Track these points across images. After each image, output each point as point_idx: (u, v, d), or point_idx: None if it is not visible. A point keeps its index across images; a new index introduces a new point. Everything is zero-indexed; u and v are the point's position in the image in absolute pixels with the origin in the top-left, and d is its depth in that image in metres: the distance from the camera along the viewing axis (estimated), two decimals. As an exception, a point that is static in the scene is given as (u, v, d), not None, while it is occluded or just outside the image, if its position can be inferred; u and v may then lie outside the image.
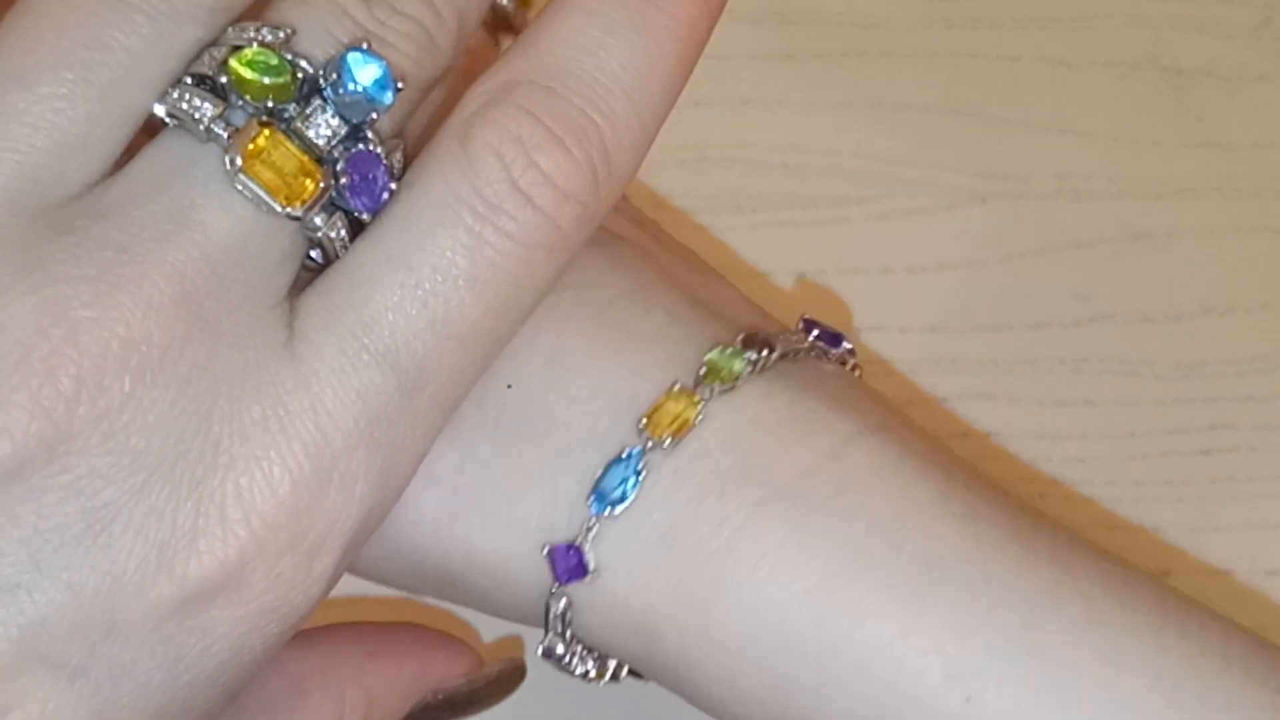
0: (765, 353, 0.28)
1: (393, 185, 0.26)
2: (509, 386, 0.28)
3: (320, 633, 0.32)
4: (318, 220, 0.25)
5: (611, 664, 0.30)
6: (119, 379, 0.23)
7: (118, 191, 0.25)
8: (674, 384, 0.28)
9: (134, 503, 0.24)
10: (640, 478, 0.27)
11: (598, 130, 0.26)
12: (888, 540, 0.27)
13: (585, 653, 0.29)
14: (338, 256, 0.26)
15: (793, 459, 0.28)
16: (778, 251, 0.45)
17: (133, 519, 0.24)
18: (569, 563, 0.28)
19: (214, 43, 0.25)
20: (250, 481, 0.24)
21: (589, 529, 0.28)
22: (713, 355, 0.28)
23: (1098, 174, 0.46)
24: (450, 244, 0.25)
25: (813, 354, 0.30)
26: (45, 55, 0.24)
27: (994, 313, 0.45)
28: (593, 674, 0.30)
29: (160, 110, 0.25)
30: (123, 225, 0.24)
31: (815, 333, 0.30)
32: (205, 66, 0.25)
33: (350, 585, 0.41)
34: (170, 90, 0.25)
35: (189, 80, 0.25)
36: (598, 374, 0.28)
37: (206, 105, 0.25)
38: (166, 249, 0.24)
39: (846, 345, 0.30)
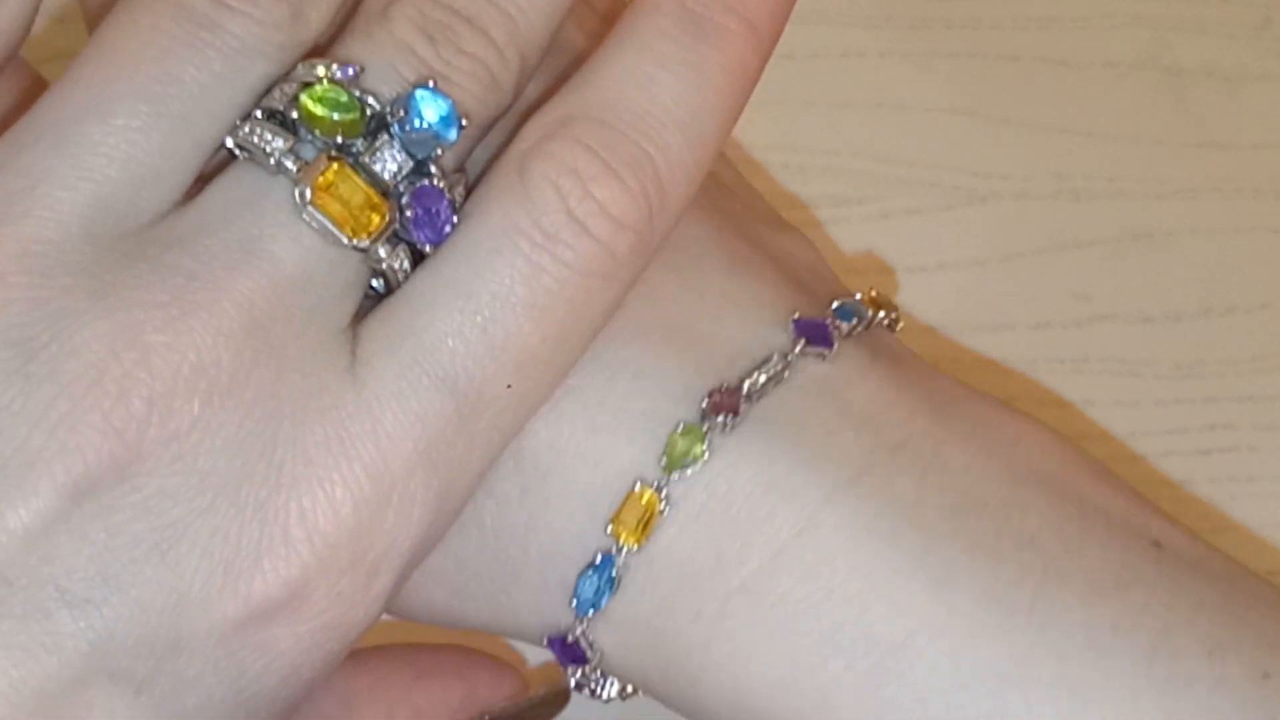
0: (729, 417, 0.28)
1: (454, 218, 0.26)
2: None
3: (370, 653, 0.33)
4: (381, 252, 0.26)
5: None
6: (189, 402, 0.24)
7: (189, 221, 0.25)
8: (635, 483, 0.28)
9: (200, 522, 0.24)
10: (615, 582, 0.28)
11: (652, 162, 0.27)
12: (855, 624, 0.27)
13: (612, 682, 0.30)
14: (399, 285, 0.26)
15: (760, 543, 0.27)
16: (778, 251, 0.45)
17: (199, 538, 0.24)
18: (568, 653, 0.29)
19: (284, 78, 0.26)
20: (313, 502, 0.25)
21: (579, 623, 0.28)
22: (675, 438, 0.28)
23: (1098, 174, 0.47)
24: (509, 272, 0.26)
25: (808, 358, 0.29)
26: (121, 88, 0.25)
27: (994, 313, 0.45)
28: (629, 691, 0.30)
29: (230, 143, 0.26)
30: (194, 253, 0.25)
31: (803, 341, 0.29)
32: (276, 102, 0.26)
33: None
34: (241, 124, 0.26)
35: (259, 114, 0.26)
36: (563, 474, 0.28)
37: (277, 140, 0.25)
38: (236, 277, 0.25)
39: (845, 325, 0.29)
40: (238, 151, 0.26)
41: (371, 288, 0.27)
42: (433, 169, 0.26)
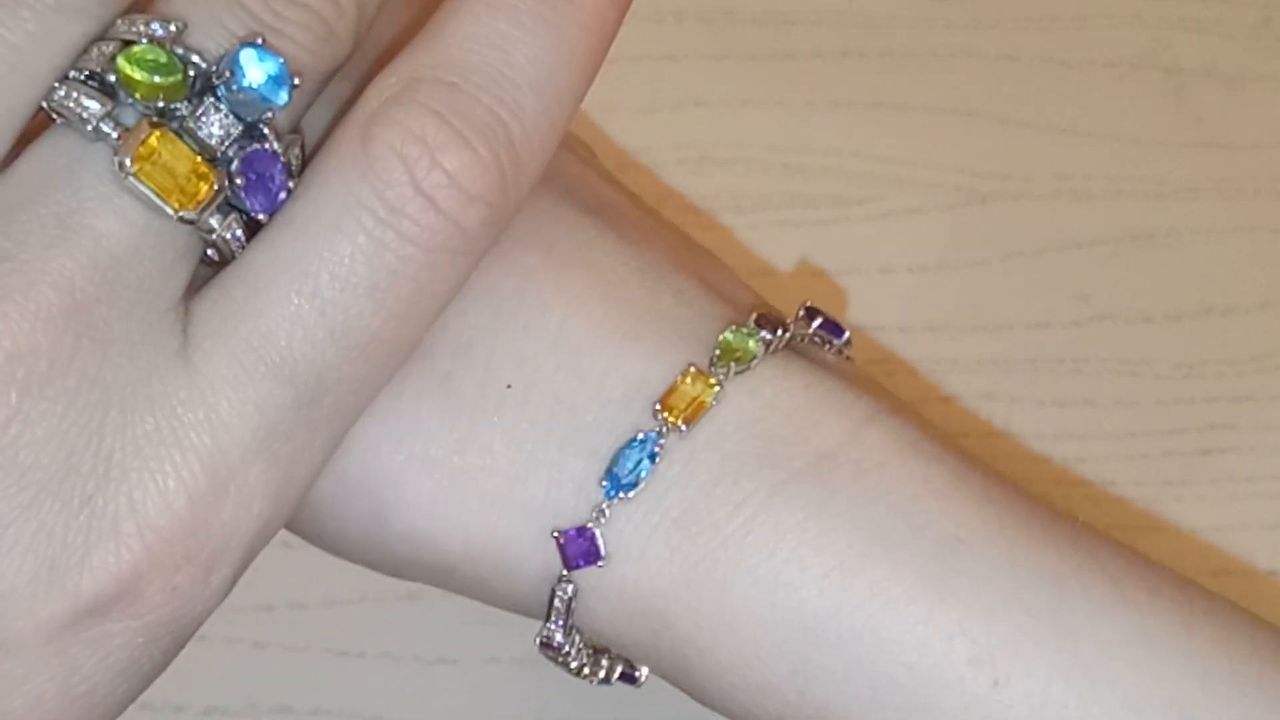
0: (780, 333, 0.28)
1: (290, 184, 0.25)
2: (509, 386, 0.27)
3: None
4: (213, 222, 0.24)
5: (604, 665, 0.29)
6: (5, 394, 0.23)
7: (3, 194, 0.24)
8: (689, 366, 0.27)
9: (23, 519, 0.23)
10: (655, 461, 0.27)
11: (505, 129, 0.25)
12: (909, 523, 0.26)
13: (583, 647, 0.29)
14: (234, 257, 0.25)
15: (810, 443, 0.27)
16: (777, 251, 0.45)
17: (21, 536, 0.23)
18: (580, 547, 0.27)
19: (101, 37, 0.24)
20: (144, 495, 0.23)
21: (600, 513, 0.27)
22: (727, 336, 0.28)
23: (1098, 174, 0.47)
24: (349, 250, 0.24)
25: (814, 341, 0.29)
26: None
27: (994, 313, 0.45)
28: (587, 670, 0.29)
29: (46, 107, 0.24)
30: (7, 231, 0.23)
31: (819, 320, 0.30)
32: (93, 62, 0.24)
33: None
34: (57, 87, 0.24)
35: (77, 76, 0.24)
36: (608, 357, 0.27)
37: (94, 104, 0.24)
38: (54, 255, 0.23)
39: (847, 336, 0.30)
40: (54, 116, 0.24)
41: (207, 256, 0.25)
42: (265, 131, 0.24)
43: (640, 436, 0.27)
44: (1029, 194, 0.46)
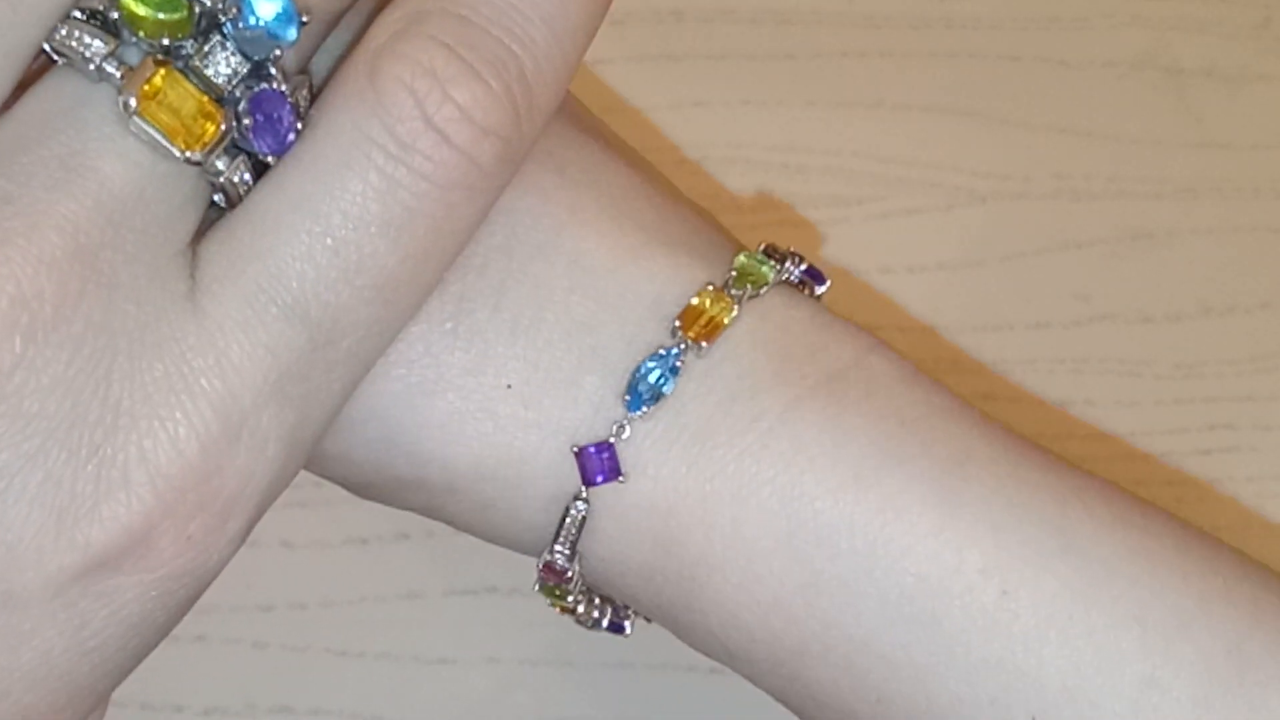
0: (789, 264, 0.28)
1: (299, 125, 0.24)
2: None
3: None
4: (220, 164, 0.24)
5: (597, 607, 0.30)
6: (9, 339, 0.22)
7: (4, 136, 0.23)
8: (706, 285, 0.27)
9: (29, 469, 0.22)
10: (677, 376, 0.27)
11: (516, 60, 0.24)
12: (919, 440, 0.27)
13: (580, 578, 0.28)
14: (241, 199, 0.24)
15: (821, 363, 0.27)
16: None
17: (27, 486, 0.22)
18: (600, 463, 0.27)
19: None
20: (155, 443, 0.23)
21: (619, 429, 0.27)
22: (742, 259, 0.28)
23: (1098, 174, 0.47)
24: (361, 188, 0.23)
25: (795, 285, 0.29)
26: None
27: (994, 313, 0.45)
28: (582, 610, 0.29)
29: (47, 47, 0.23)
30: (10, 173, 0.22)
31: (804, 266, 0.30)
32: (96, 1, 0.23)
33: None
34: (59, 26, 0.23)
35: (79, 15, 0.23)
36: (624, 277, 0.27)
37: (97, 42, 0.23)
38: (57, 198, 0.22)
39: (828, 285, 0.30)
40: (56, 56, 0.23)
41: (215, 202, 0.24)
42: (272, 71, 0.24)
43: (661, 352, 0.27)
44: (1029, 194, 0.46)
